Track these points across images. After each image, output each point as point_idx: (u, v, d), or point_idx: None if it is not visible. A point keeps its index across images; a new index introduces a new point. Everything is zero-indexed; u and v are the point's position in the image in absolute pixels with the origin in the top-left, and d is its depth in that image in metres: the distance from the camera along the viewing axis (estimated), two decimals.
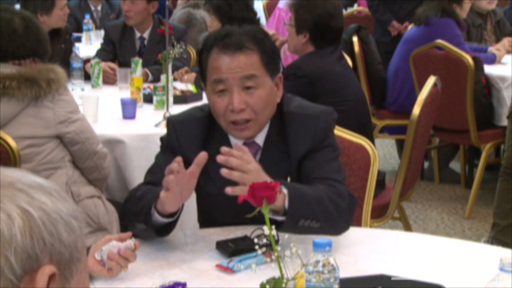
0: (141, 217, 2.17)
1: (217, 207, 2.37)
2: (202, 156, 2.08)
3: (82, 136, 2.99)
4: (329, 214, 2.15)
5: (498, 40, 5.80)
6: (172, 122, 2.40)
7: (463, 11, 5.35)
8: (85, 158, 3.04)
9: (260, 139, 2.33)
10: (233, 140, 2.32)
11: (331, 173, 2.27)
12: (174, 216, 2.17)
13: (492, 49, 5.47)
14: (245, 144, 2.32)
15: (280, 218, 2.11)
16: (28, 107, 2.87)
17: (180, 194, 2.09)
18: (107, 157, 3.14)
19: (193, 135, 2.34)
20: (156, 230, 2.16)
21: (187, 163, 2.34)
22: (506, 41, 5.59)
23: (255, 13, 4.70)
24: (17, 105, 2.85)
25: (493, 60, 5.34)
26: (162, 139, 2.43)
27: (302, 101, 2.41)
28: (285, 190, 2.10)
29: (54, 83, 2.86)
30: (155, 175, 2.35)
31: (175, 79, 4.51)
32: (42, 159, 2.94)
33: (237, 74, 2.23)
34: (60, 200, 0.91)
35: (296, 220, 2.10)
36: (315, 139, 2.29)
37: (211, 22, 4.60)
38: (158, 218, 2.14)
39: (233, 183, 2.28)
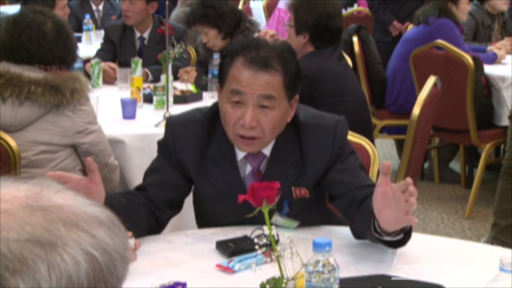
0: None
1: (214, 209, 2.36)
2: (89, 161, 2.05)
3: (97, 148, 3.00)
4: None
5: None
6: (170, 123, 2.36)
7: (460, 12, 5.34)
8: None
9: (266, 149, 2.31)
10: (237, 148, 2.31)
11: (366, 181, 2.29)
12: None
13: (492, 48, 5.47)
14: (250, 154, 2.31)
15: (390, 238, 2.07)
16: (48, 114, 2.87)
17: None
18: (117, 169, 3.15)
19: (190, 138, 2.32)
20: None
21: (182, 167, 2.33)
22: (505, 41, 5.59)
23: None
24: (39, 110, 2.86)
25: (494, 59, 5.34)
26: (158, 142, 2.40)
27: (312, 110, 2.40)
28: None
29: (78, 93, 2.86)
30: (146, 180, 2.36)
31: (177, 78, 4.52)
32: (55, 166, 2.95)
33: (257, 92, 2.19)
34: (116, 233, 0.91)
35: (410, 235, 2.09)
36: (334, 151, 2.29)
37: (206, 33, 4.60)
38: None
39: (231, 188, 2.27)
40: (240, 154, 2.31)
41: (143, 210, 2.25)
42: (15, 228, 0.83)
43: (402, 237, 2.06)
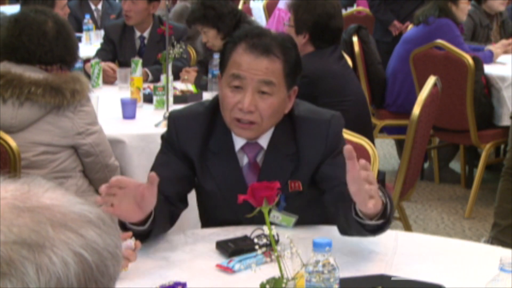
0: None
1: (216, 203, 2.37)
2: (152, 176, 2.02)
3: (97, 149, 3.00)
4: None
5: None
6: (172, 117, 2.39)
7: (460, 11, 5.34)
8: (97, 170, 3.04)
9: (263, 141, 2.32)
10: (235, 138, 2.32)
11: None
12: (144, 225, 2.10)
13: (489, 47, 5.47)
14: (247, 144, 2.32)
15: (374, 223, 2.06)
16: (49, 115, 2.87)
17: (137, 206, 2.02)
18: (118, 170, 3.15)
19: (193, 131, 2.33)
20: (134, 235, 2.10)
21: (187, 159, 2.35)
22: (504, 41, 5.60)
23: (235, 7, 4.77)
24: (39, 111, 2.85)
25: (490, 58, 5.34)
26: (162, 136, 2.42)
27: (310, 105, 2.41)
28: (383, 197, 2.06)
29: (78, 94, 2.86)
30: None
31: (178, 78, 4.52)
32: (55, 167, 2.94)
33: (257, 76, 2.22)
34: (107, 232, 0.89)
35: (390, 221, 2.09)
36: (327, 144, 2.30)
37: (205, 33, 4.61)
38: (129, 225, 2.11)
39: (231, 182, 2.28)
40: (238, 145, 2.32)
41: (164, 209, 2.22)
42: (2, 230, 0.82)
43: (382, 223, 2.05)
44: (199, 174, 2.35)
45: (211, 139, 2.33)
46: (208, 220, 2.46)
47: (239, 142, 2.32)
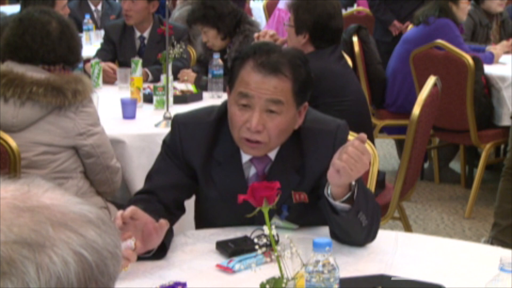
0: None
1: (216, 211, 2.36)
2: (164, 224, 2.07)
3: (98, 150, 2.99)
4: (373, 216, 2.17)
5: (502, 40, 5.80)
6: (177, 123, 2.35)
7: (461, 11, 5.35)
8: (98, 172, 3.04)
9: (272, 154, 2.30)
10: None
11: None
12: (149, 253, 2.11)
13: (490, 48, 5.48)
14: (255, 157, 2.30)
15: (341, 205, 2.11)
16: (50, 115, 2.87)
17: (141, 241, 2.04)
18: (119, 171, 3.14)
19: (198, 140, 2.31)
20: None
21: (189, 167, 2.33)
22: (505, 42, 5.60)
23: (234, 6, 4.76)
24: (40, 111, 2.85)
25: (491, 59, 5.34)
26: (164, 141, 2.39)
27: (315, 112, 2.38)
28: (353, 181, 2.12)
29: (80, 95, 2.86)
30: (152, 182, 2.34)
31: (178, 78, 4.53)
32: (56, 168, 2.94)
33: (265, 95, 2.18)
34: (107, 231, 0.90)
35: (357, 210, 2.10)
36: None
37: (205, 32, 4.62)
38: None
39: (235, 189, 2.27)
40: (246, 157, 2.30)
41: (163, 217, 2.19)
42: (2, 230, 0.83)
43: (349, 208, 2.10)
44: (202, 182, 2.33)
45: (216, 148, 2.31)
46: (205, 224, 2.45)
47: (247, 155, 2.30)
